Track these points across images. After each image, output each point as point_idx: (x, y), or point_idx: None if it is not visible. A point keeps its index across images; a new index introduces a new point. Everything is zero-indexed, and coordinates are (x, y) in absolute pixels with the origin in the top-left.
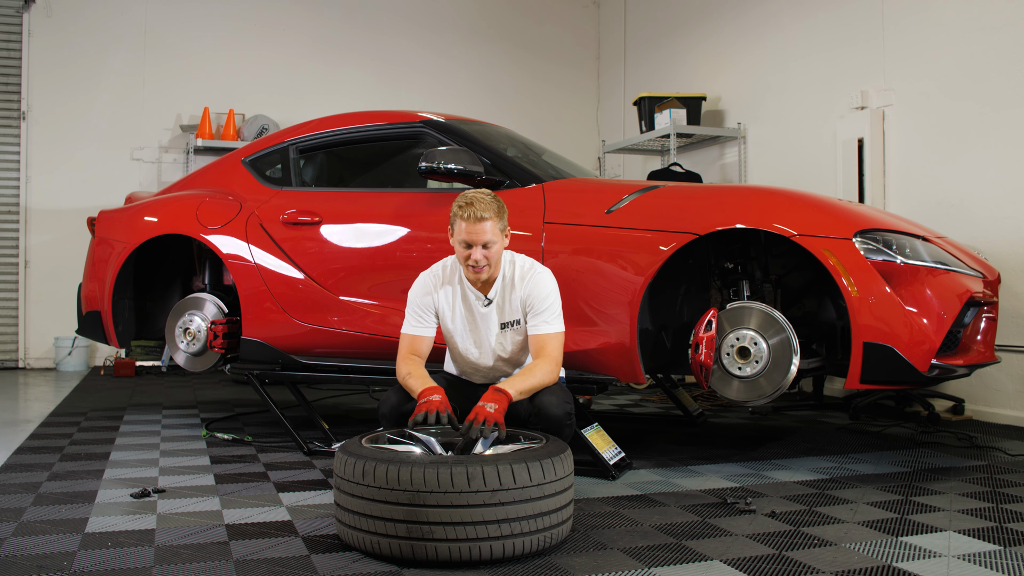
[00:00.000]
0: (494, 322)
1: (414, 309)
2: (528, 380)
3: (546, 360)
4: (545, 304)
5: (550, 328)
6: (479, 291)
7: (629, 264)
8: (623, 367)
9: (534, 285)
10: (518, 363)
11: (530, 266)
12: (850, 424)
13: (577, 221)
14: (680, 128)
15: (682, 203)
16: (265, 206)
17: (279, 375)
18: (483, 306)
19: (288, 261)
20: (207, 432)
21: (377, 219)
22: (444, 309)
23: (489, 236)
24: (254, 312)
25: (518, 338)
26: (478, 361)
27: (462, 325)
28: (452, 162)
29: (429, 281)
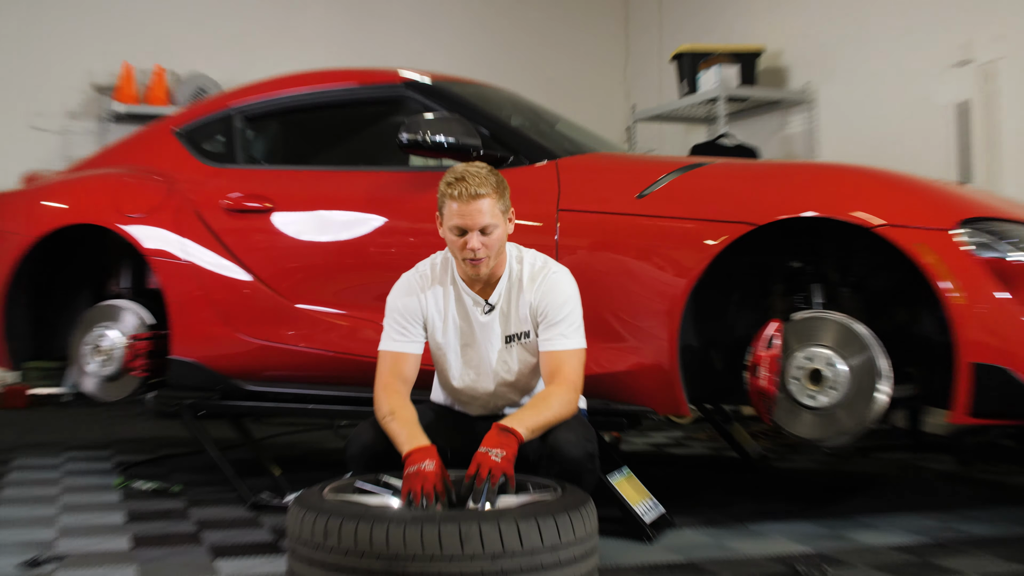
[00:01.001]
0: (497, 334)
1: (395, 318)
2: (541, 413)
3: (563, 386)
4: (562, 313)
5: (568, 344)
6: (478, 294)
7: (668, 263)
8: (661, 395)
9: (548, 288)
10: (526, 389)
11: (542, 264)
12: (958, 470)
13: (601, 208)
14: (731, 90)
15: (734, 185)
16: (202, 189)
17: (218, 406)
18: (483, 313)
19: (231, 259)
20: (122, 480)
21: (345, 205)
22: (434, 317)
23: (488, 218)
24: (187, 324)
25: (527, 356)
26: (476, 386)
27: (456, 338)
28: (441, 133)
29: (415, 282)
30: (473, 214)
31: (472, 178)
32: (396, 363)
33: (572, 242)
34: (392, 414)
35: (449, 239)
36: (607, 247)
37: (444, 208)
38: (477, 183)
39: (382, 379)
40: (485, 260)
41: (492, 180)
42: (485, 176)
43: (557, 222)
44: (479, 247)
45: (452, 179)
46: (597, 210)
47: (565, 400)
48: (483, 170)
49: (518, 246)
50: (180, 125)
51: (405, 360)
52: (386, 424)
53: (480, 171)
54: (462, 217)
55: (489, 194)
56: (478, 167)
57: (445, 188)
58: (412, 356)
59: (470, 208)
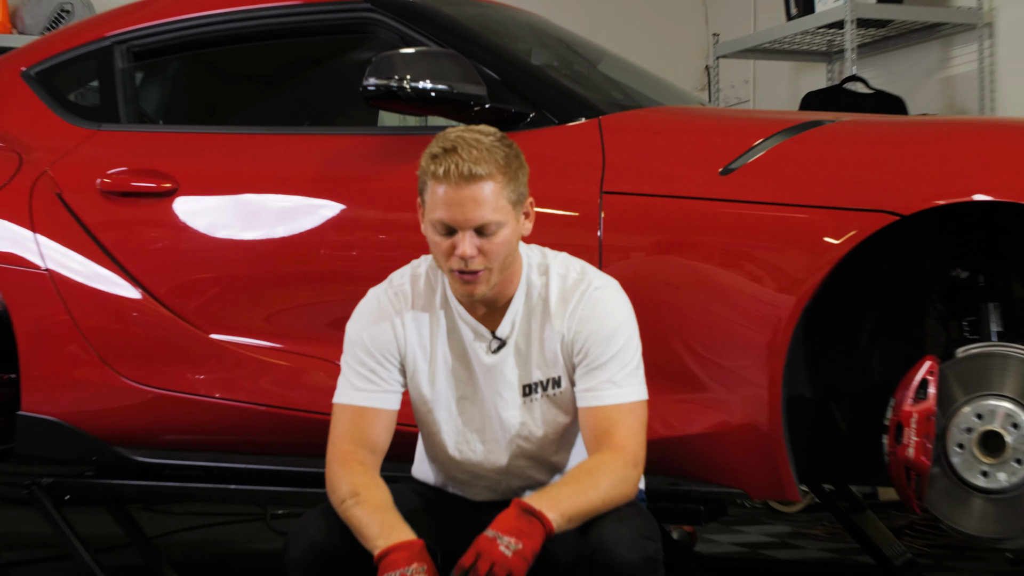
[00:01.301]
0: (510, 383)
1: (358, 356)
2: (585, 493)
3: (616, 456)
4: (611, 349)
5: (622, 395)
6: (480, 321)
7: (767, 271)
8: (757, 470)
9: (589, 312)
10: (556, 465)
11: (578, 276)
12: None
13: (666, 189)
14: (863, 11)
15: (868, 154)
16: (68, 160)
17: (93, 486)
18: (489, 351)
19: (112, 266)
20: None
21: (284, 186)
22: (416, 356)
23: (488, 211)
24: (44, 364)
25: (557, 414)
26: (480, 458)
27: (450, 387)
28: (427, 76)
29: (387, 302)
30: (465, 204)
31: (467, 148)
32: (359, 423)
33: (623, 241)
34: (355, 496)
35: (432, 240)
36: (676, 248)
37: (426, 192)
38: (474, 157)
39: (338, 446)
40: (483, 275)
41: (498, 153)
42: (489, 146)
43: (601, 211)
44: (473, 254)
45: (438, 149)
46: (661, 192)
47: (619, 477)
48: (486, 137)
49: (541, 249)
50: (32, 64)
51: (372, 418)
52: (346, 512)
53: (481, 138)
54: (449, 208)
55: (492, 175)
56: (480, 132)
57: (427, 163)
58: (383, 413)
59: (461, 195)
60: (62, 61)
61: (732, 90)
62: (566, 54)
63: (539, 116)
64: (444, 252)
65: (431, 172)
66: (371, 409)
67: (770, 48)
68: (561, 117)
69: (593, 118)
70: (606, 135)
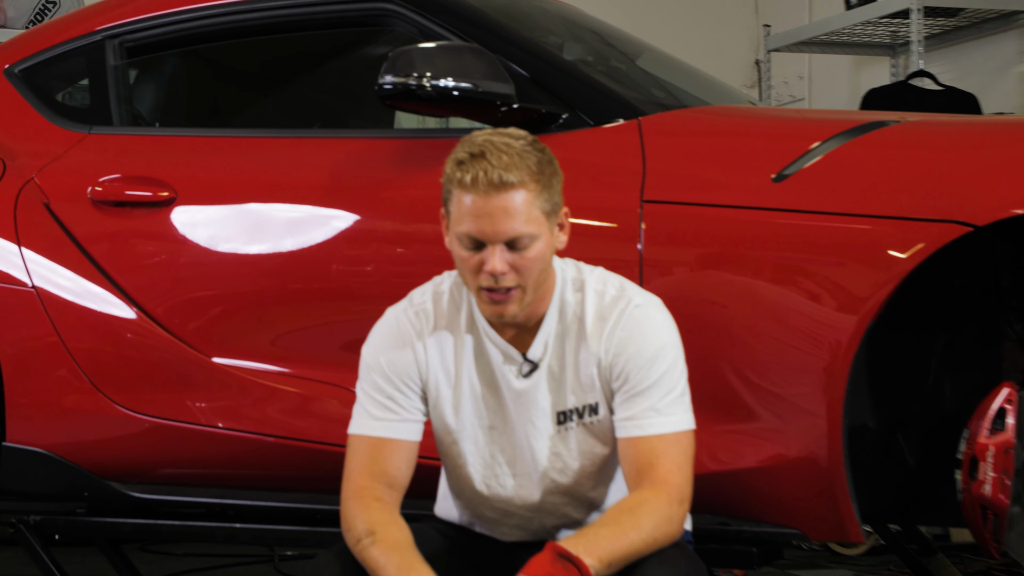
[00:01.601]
0: (543, 410)
1: (376, 382)
2: (626, 534)
3: (660, 492)
4: (654, 373)
5: (666, 424)
6: (510, 343)
7: (826, 288)
8: (815, 508)
9: (629, 332)
10: (594, 501)
11: (617, 292)
12: None
13: (712, 198)
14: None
15: (937, 158)
16: (56, 167)
17: (85, 524)
18: (519, 375)
19: (105, 283)
20: None
21: (292, 194)
22: (439, 382)
23: (520, 223)
24: (31, 390)
25: (595, 445)
26: (510, 493)
27: (476, 415)
28: (449, 74)
29: (407, 323)
30: (495, 215)
31: (496, 154)
32: (376, 456)
33: (666, 255)
34: (371, 535)
35: (458, 255)
36: (725, 263)
37: (451, 202)
38: (504, 163)
39: (354, 481)
40: (516, 294)
41: (531, 158)
42: (520, 151)
43: (641, 222)
44: (504, 270)
45: (464, 155)
46: (707, 201)
47: (663, 516)
48: (517, 140)
49: (576, 263)
50: (16, 61)
51: (391, 451)
52: (362, 552)
53: (512, 142)
54: (477, 220)
55: (524, 182)
56: (509, 135)
57: (453, 170)
58: (403, 445)
59: (491, 205)
60: (49, 58)
61: (785, 87)
62: (602, 48)
63: (572, 117)
64: (472, 268)
65: (457, 180)
66: (390, 440)
67: (827, 40)
68: (597, 118)
69: (632, 119)
70: (646, 138)
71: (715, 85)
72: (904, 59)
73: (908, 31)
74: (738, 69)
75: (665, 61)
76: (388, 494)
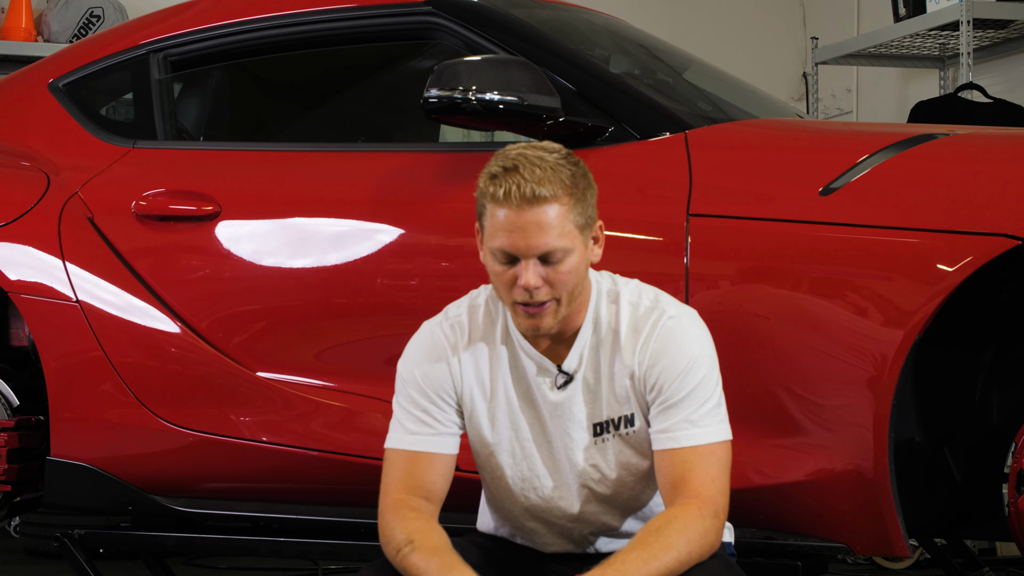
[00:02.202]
0: (579, 422)
1: (411, 396)
2: (656, 558)
3: (692, 507)
4: (688, 384)
5: (700, 436)
6: (544, 355)
7: (873, 302)
8: (861, 522)
9: (663, 344)
10: (632, 508)
11: (651, 303)
12: None
13: (759, 212)
14: (981, 10)
15: (986, 172)
16: (100, 181)
17: (129, 538)
18: (554, 387)
19: (149, 298)
20: None
21: (336, 209)
22: (474, 396)
23: (554, 237)
24: (75, 404)
25: (632, 456)
26: (549, 504)
27: (512, 428)
28: (493, 87)
29: (441, 338)
30: (528, 230)
31: (529, 168)
32: (413, 470)
33: (712, 269)
34: (410, 543)
35: (492, 269)
36: (771, 277)
37: (485, 216)
38: (537, 177)
39: (391, 495)
40: (550, 307)
41: (564, 172)
42: (553, 165)
43: (687, 235)
44: (538, 284)
45: (497, 169)
46: (754, 215)
47: (696, 532)
48: (550, 154)
49: (611, 275)
50: (60, 75)
51: (427, 464)
52: (402, 561)
53: (545, 156)
54: (510, 234)
55: (558, 196)
56: (543, 148)
57: (486, 184)
58: (439, 458)
59: (524, 219)
60: (93, 72)
61: (833, 100)
62: (648, 61)
63: (618, 130)
64: (506, 283)
65: (490, 194)
66: (425, 454)
67: (875, 53)
68: (643, 131)
69: (678, 133)
70: (693, 151)
71: (762, 98)
72: (953, 71)
73: (957, 43)
74: (786, 82)
75: (712, 74)
76: (425, 506)
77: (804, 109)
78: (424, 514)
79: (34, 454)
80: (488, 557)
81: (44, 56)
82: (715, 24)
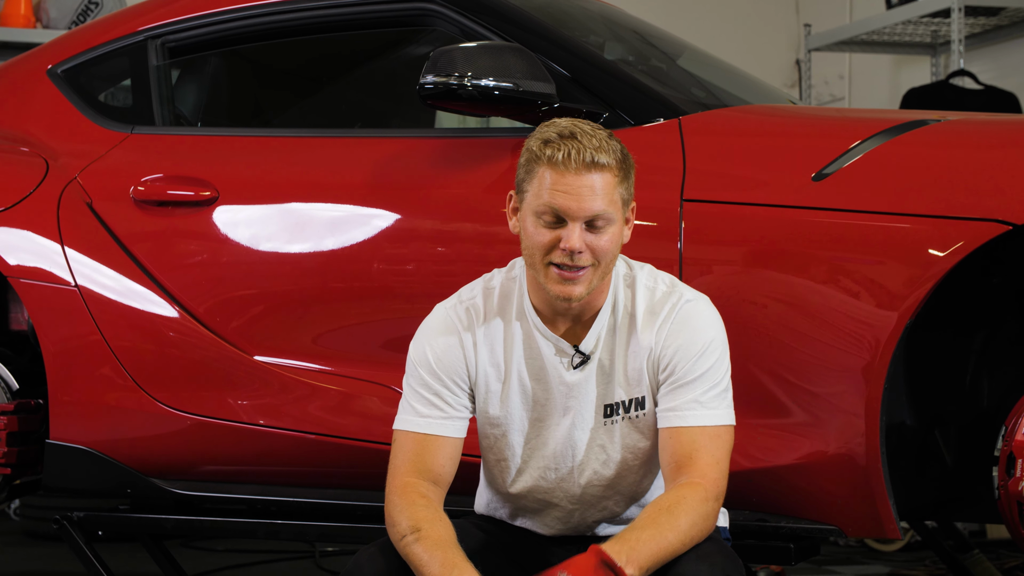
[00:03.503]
0: (590, 403)
1: (423, 379)
2: (663, 536)
3: (697, 488)
4: (700, 367)
5: (707, 417)
6: (563, 337)
7: (864, 287)
8: (853, 505)
9: (680, 326)
10: (635, 495)
11: (668, 289)
12: None
13: (752, 197)
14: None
15: (977, 158)
16: (98, 166)
17: (128, 520)
18: (570, 367)
19: (147, 282)
20: None
21: (334, 194)
22: (487, 377)
23: (603, 203)
24: (75, 388)
25: (639, 439)
26: (554, 486)
27: (524, 408)
28: (489, 73)
29: (455, 320)
30: (583, 192)
31: (587, 136)
32: (422, 453)
33: (705, 254)
34: (416, 532)
35: (531, 233)
36: (764, 262)
37: (532, 180)
38: (596, 145)
39: (399, 477)
40: (587, 274)
41: (617, 148)
42: (607, 138)
43: (681, 221)
44: (581, 248)
45: (553, 135)
46: (747, 200)
47: (700, 514)
48: (604, 132)
49: (626, 259)
50: (59, 62)
51: (436, 448)
52: (406, 548)
53: (598, 129)
54: (565, 195)
55: (611, 167)
56: (595, 127)
57: (541, 148)
58: (448, 442)
59: (579, 182)
60: (91, 58)
61: (826, 87)
62: (643, 48)
63: (613, 116)
64: (546, 246)
65: (547, 157)
66: (435, 437)
67: (868, 40)
68: (637, 118)
69: (672, 119)
70: (687, 137)
71: (756, 84)
72: (944, 58)
73: (949, 30)
74: (779, 69)
75: (706, 60)
76: (432, 491)
77: (797, 96)
78: (432, 502)
79: (33, 437)
80: (488, 539)
81: (43, 42)
82: (708, 11)
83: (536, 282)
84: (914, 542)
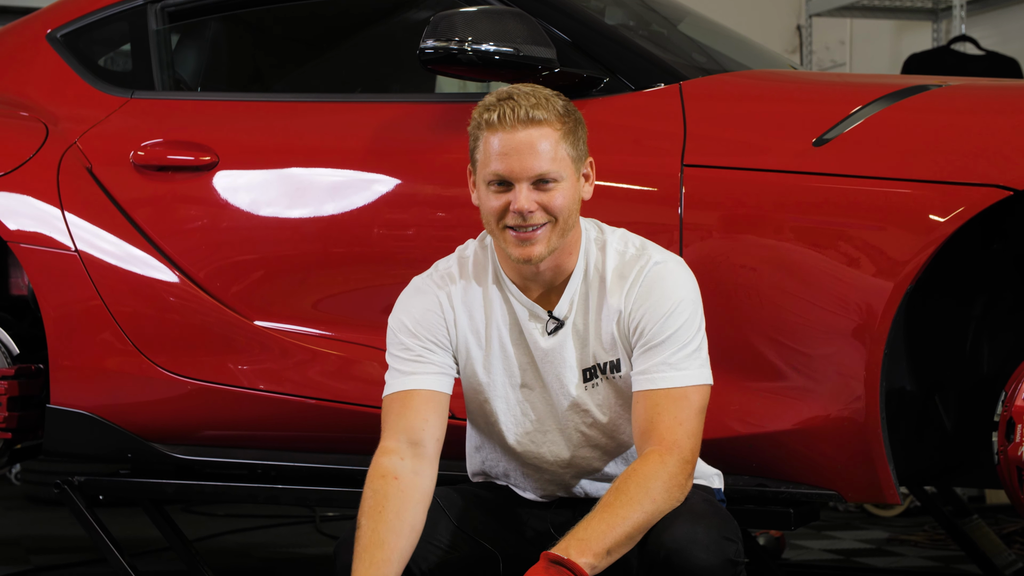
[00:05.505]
0: (570, 366)
1: (403, 344)
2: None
3: (651, 459)
4: (668, 328)
5: (678, 378)
6: (536, 301)
7: (864, 253)
8: (851, 470)
9: (647, 288)
10: (627, 456)
11: (637, 251)
12: None
13: (753, 162)
14: None
15: (978, 123)
16: (98, 131)
17: (128, 485)
18: (546, 332)
19: (147, 247)
20: None
21: (333, 159)
22: (468, 342)
23: (546, 161)
24: (75, 353)
25: (623, 400)
26: (543, 450)
27: (505, 374)
28: (489, 37)
29: (432, 288)
30: (522, 151)
31: (524, 96)
32: (404, 411)
33: (707, 219)
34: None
35: (485, 203)
36: (764, 227)
37: (478, 148)
38: (531, 102)
39: (382, 443)
40: (543, 233)
41: (557, 103)
42: (547, 97)
43: (682, 186)
44: (532, 208)
45: (492, 99)
46: (748, 166)
47: (663, 483)
48: (544, 90)
49: (598, 224)
50: (59, 26)
51: (420, 402)
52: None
53: (539, 89)
54: (505, 157)
55: (550, 121)
56: (533, 87)
57: (480, 114)
58: (432, 396)
59: (517, 140)
60: (91, 23)
61: (827, 52)
62: (643, 13)
63: (613, 81)
64: (498, 211)
65: (485, 120)
66: (418, 392)
67: (869, 5)
68: (638, 82)
69: (673, 84)
70: (687, 102)
71: (756, 50)
72: (946, 24)
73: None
74: (780, 34)
75: (707, 26)
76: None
77: (798, 61)
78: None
79: (34, 402)
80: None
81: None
82: None
83: (503, 250)
84: (913, 507)
